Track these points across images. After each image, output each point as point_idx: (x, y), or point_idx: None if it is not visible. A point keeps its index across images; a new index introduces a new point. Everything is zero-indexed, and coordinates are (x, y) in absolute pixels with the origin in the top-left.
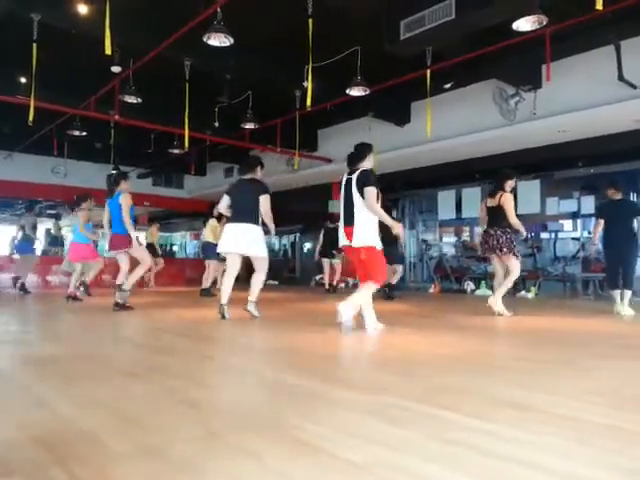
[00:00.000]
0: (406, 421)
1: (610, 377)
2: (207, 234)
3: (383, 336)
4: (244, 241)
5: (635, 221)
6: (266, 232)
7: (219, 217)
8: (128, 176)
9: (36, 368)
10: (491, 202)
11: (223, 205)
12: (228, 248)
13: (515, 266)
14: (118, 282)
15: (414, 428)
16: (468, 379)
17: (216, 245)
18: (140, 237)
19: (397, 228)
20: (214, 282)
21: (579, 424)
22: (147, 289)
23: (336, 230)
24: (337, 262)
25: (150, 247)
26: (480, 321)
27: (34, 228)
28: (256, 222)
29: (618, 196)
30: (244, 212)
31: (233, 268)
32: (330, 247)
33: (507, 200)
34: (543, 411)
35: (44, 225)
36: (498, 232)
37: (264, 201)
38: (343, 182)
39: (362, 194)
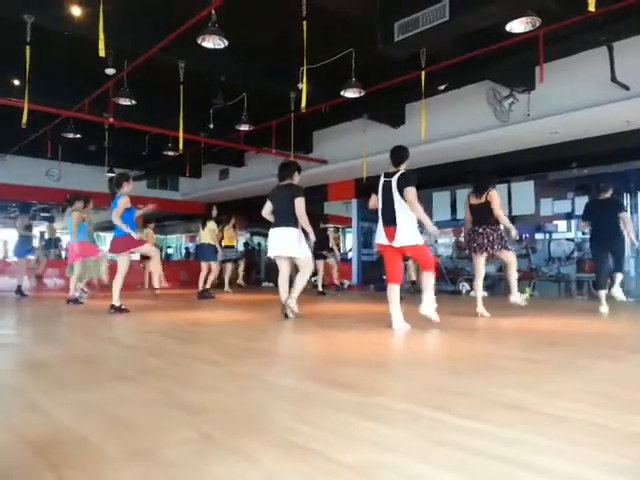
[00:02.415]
0: (399, 422)
1: (602, 377)
2: (204, 236)
3: (377, 337)
4: (283, 244)
5: (620, 219)
6: (307, 236)
7: (218, 220)
8: (130, 177)
9: (30, 372)
10: (476, 200)
11: (266, 210)
12: (271, 252)
13: (511, 257)
14: (115, 285)
15: (407, 429)
16: (461, 380)
17: (213, 247)
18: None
19: (433, 229)
20: (213, 284)
21: (571, 424)
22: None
23: (326, 231)
24: (332, 261)
25: None
26: (474, 322)
27: (28, 229)
28: (294, 225)
29: (604, 196)
30: (282, 216)
31: (283, 271)
32: (323, 248)
33: (495, 195)
34: (535, 411)
35: (38, 228)
36: (487, 230)
37: (298, 204)
38: (381, 184)
39: (402, 195)
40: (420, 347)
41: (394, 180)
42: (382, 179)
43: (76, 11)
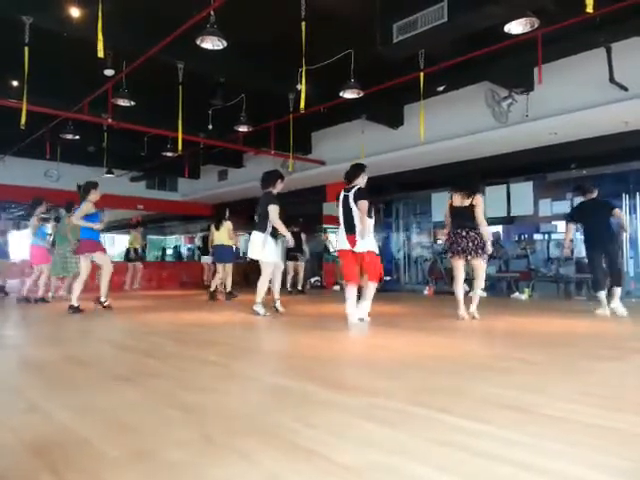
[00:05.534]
0: (399, 423)
1: (601, 378)
2: (221, 237)
3: (376, 338)
4: (251, 247)
5: (612, 218)
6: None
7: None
8: (98, 185)
9: (28, 373)
10: (461, 202)
11: (257, 216)
12: (248, 254)
13: (484, 268)
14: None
15: (407, 430)
16: (460, 381)
17: (230, 248)
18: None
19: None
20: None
21: (570, 425)
22: (134, 291)
23: (299, 234)
24: (301, 263)
25: (134, 252)
26: (472, 323)
27: (3, 234)
28: (262, 229)
29: (590, 196)
30: (259, 221)
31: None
32: (295, 250)
33: (480, 200)
34: (534, 412)
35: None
36: (471, 234)
37: (271, 211)
38: (341, 198)
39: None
40: (418, 348)
41: (351, 194)
42: (342, 194)
43: (75, 12)
